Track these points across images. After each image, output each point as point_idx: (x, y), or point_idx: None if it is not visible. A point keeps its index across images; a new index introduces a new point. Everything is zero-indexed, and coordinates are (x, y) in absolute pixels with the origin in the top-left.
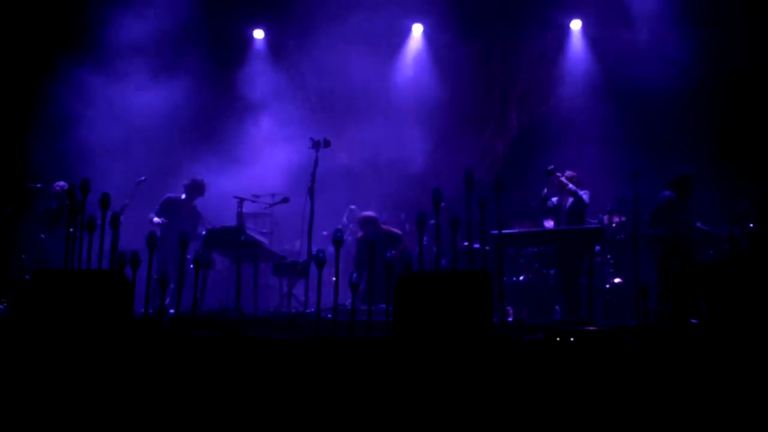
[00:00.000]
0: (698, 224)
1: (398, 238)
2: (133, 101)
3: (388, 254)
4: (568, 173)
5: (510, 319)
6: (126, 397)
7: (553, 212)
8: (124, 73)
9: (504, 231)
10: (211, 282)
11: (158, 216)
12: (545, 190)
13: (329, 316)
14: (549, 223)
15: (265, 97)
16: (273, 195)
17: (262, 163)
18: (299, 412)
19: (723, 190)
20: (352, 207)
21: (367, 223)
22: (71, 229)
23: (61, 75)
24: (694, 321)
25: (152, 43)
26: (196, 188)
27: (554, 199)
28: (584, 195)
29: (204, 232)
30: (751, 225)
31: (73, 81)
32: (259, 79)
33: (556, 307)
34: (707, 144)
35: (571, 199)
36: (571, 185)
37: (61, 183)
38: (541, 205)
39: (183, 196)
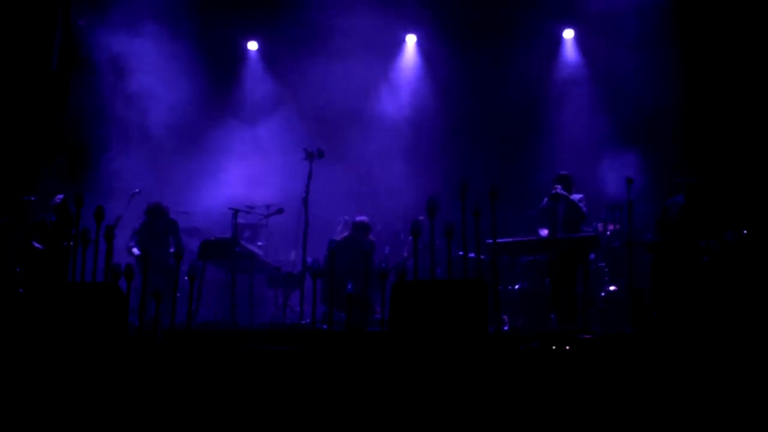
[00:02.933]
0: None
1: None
2: (127, 112)
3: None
4: (562, 173)
5: (506, 328)
6: (121, 409)
7: (549, 215)
8: (116, 84)
9: (499, 240)
10: (206, 294)
11: (137, 245)
12: (545, 201)
13: (324, 326)
14: (544, 232)
15: (260, 108)
16: (268, 206)
17: (257, 175)
18: (296, 422)
19: (717, 196)
20: (346, 218)
21: (362, 228)
22: (65, 243)
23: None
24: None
25: (146, 53)
26: (153, 213)
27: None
28: (582, 204)
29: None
30: (745, 231)
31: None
32: (253, 90)
33: (552, 316)
34: (701, 150)
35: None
36: (572, 197)
37: (62, 196)
38: (539, 214)
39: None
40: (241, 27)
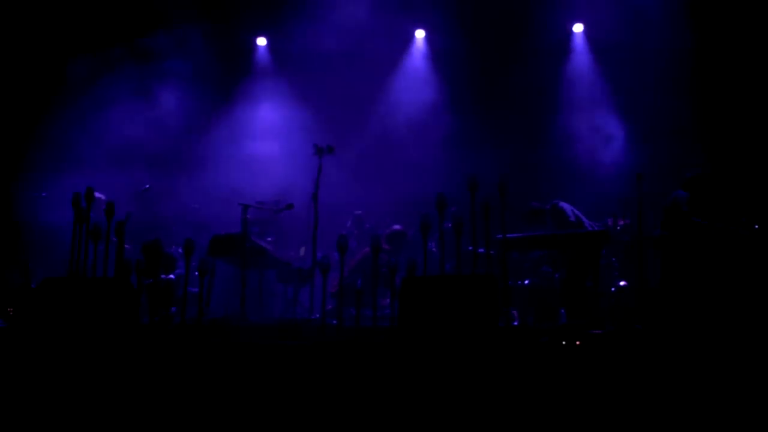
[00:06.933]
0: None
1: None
2: (137, 107)
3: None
4: (534, 204)
5: (515, 323)
6: (133, 402)
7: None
8: (126, 80)
9: (509, 235)
10: (216, 289)
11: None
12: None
13: (334, 321)
14: None
15: (270, 104)
16: (277, 201)
17: (267, 170)
18: (306, 416)
19: (728, 190)
20: (358, 213)
21: (397, 237)
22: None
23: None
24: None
25: (159, 49)
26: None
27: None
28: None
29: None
30: (756, 226)
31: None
32: (263, 85)
33: (562, 311)
34: (714, 143)
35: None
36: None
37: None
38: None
39: None
40: (251, 23)
